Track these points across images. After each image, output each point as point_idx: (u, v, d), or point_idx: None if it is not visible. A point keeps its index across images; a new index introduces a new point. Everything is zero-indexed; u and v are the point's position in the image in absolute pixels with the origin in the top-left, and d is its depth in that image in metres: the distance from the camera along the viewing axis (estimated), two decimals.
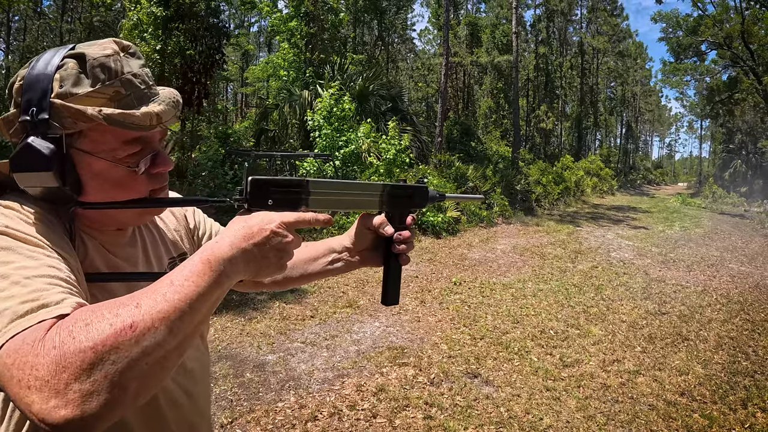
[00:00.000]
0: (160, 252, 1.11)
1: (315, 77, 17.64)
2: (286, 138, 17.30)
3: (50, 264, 0.75)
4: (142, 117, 0.83)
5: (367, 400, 3.91)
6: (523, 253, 10.10)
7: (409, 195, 1.06)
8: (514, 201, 16.59)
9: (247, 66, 35.23)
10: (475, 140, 22.47)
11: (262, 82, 26.97)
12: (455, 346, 5.04)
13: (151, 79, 0.92)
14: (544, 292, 7.28)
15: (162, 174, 0.94)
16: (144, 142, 0.89)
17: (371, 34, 33.20)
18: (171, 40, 14.35)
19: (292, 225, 0.82)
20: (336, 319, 5.83)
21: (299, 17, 19.01)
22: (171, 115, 0.88)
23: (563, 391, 4.10)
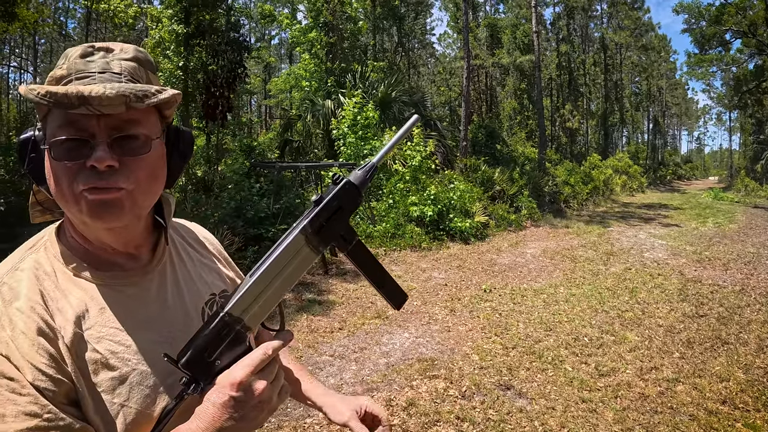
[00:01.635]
0: (197, 288, 1.03)
1: (337, 86, 17.72)
2: (311, 148, 17.41)
3: (29, 410, 0.74)
4: (61, 94, 0.75)
5: (397, 415, 3.84)
6: (553, 256, 9.93)
7: (338, 208, 0.90)
8: (543, 203, 16.38)
9: (269, 78, 35.58)
10: (500, 143, 22.28)
11: (284, 93, 27.19)
12: (487, 357, 4.95)
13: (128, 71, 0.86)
14: (577, 297, 7.12)
15: (99, 170, 0.80)
16: (77, 128, 0.80)
17: (391, 40, 33.26)
18: (193, 57, 14.58)
19: (248, 379, 0.79)
20: (365, 330, 5.78)
21: (318, 28, 19.15)
22: (110, 101, 0.76)
23: (600, 402, 3.98)
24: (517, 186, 15.48)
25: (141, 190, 0.85)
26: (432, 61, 41.34)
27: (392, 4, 28.44)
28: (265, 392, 0.80)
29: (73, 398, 0.80)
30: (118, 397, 0.83)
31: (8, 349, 0.76)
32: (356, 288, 7.53)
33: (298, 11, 25.09)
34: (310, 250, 0.88)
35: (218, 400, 0.77)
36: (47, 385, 0.76)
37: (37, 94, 0.76)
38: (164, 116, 0.92)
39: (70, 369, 0.80)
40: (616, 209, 19.07)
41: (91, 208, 0.81)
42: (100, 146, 0.79)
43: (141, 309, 0.91)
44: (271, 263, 0.85)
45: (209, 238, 1.19)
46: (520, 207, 14.74)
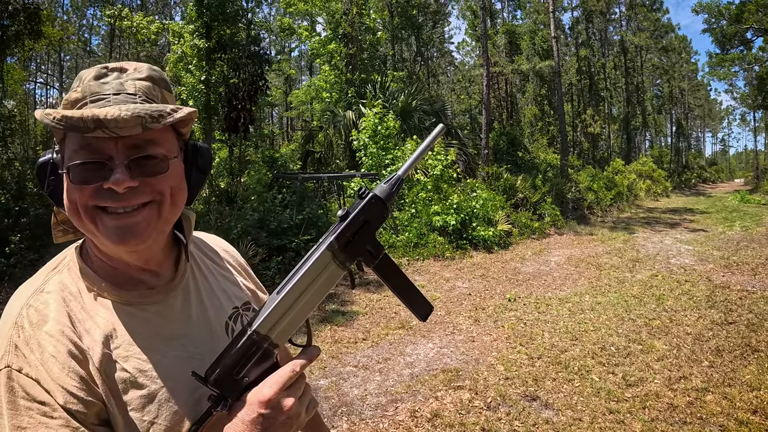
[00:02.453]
0: (220, 303, 1.04)
1: (357, 97, 17.83)
2: (332, 159, 17.52)
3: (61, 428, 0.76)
4: (76, 118, 0.76)
5: (422, 427, 3.85)
6: (578, 264, 9.84)
7: (364, 223, 0.90)
8: (566, 210, 16.25)
9: (290, 90, 35.90)
10: (522, 150, 22.19)
11: (305, 105, 27.45)
12: (512, 367, 4.93)
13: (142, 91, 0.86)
14: (603, 305, 7.05)
15: (117, 192, 0.80)
16: (93, 150, 0.80)
17: (410, 50, 33.37)
18: (215, 70, 14.81)
19: (277, 396, 0.82)
20: (389, 341, 5.79)
21: (337, 39, 19.33)
22: (125, 123, 0.76)
23: (627, 413, 3.94)
24: (540, 193, 15.38)
25: (167, 200, 0.86)
26: (451, 69, 41.37)
27: (410, 14, 28.58)
28: (293, 408, 0.82)
29: (104, 418, 0.82)
30: (148, 414, 0.84)
31: (38, 373, 0.78)
32: (380, 298, 7.55)
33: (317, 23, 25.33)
34: (337, 266, 0.88)
35: (247, 418, 0.80)
36: (79, 407, 0.78)
37: (53, 118, 0.76)
38: (181, 134, 0.92)
39: (100, 390, 0.81)
40: (641, 215, 18.83)
41: (111, 233, 0.82)
42: (117, 168, 0.79)
43: (166, 326, 0.92)
44: (297, 280, 0.86)
45: (228, 250, 1.19)
46: (543, 214, 14.64)
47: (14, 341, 0.80)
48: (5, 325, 0.82)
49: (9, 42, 10.94)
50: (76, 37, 38.22)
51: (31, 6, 11.24)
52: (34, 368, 0.78)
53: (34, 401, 0.76)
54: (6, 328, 0.82)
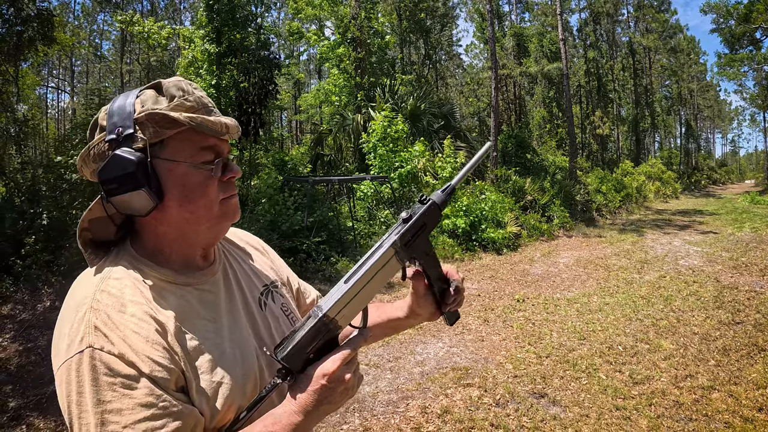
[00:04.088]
0: (252, 282, 1.19)
1: (366, 100, 17.94)
2: (342, 162, 17.63)
3: (146, 402, 0.85)
4: (215, 123, 0.97)
5: (432, 422, 3.96)
6: (586, 265, 9.90)
7: (422, 225, 1.03)
8: (575, 212, 16.28)
9: (299, 94, 36.10)
10: (530, 152, 22.18)
11: (314, 108, 27.61)
12: (520, 366, 5.02)
13: (211, 104, 1.04)
14: (611, 305, 7.12)
15: (231, 182, 1.05)
16: (216, 151, 1.01)
17: (418, 53, 33.48)
18: (225, 75, 14.97)
19: (339, 371, 0.94)
20: (399, 340, 5.90)
21: (346, 43, 19.43)
22: (235, 130, 1.01)
23: (634, 410, 4.02)
24: (549, 195, 15.42)
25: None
26: (459, 72, 41.46)
27: (418, 17, 28.69)
28: (350, 381, 0.95)
29: (181, 385, 0.92)
30: (216, 376, 0.96)
31: (121, 348, 0.86)
32: (390, 299, 7.66)
33: (325, 27, 25.45)
34: (397, 262, 1.02)
35: (312, 388, 0.92)
36: (163, 374, 0.88)
37: (198, 121, 0.95)
38: None
39: (179, 358, 0.92)
40: (650, 216, 18.82)
41: (234, 210, 1.05)
42: (230, 163, 1.04)
43: (217, 302, 1.06)
44: (364, 273, 0.98)
45: (243, 237, 1.33)
46: (552, 216, 14.69)
47: (93, 323, 0.87)
48: (79, 311, 0.90)
49: (23, 47, 11.12)
50: (87, 42, 38.65)
51: (45, 12, 11.41)
52: (116, 345, 0.86)
53: (117, 376, 0.84)
54: (81, 313, 0.89)
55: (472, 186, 13.84)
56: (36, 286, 7.47)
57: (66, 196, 8.79)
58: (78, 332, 0.87)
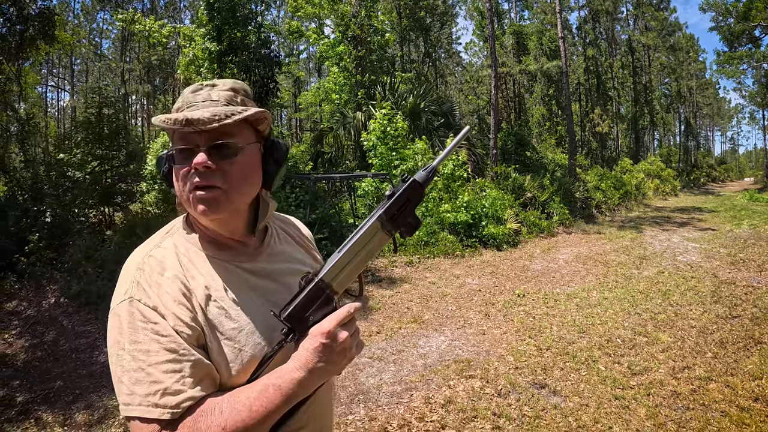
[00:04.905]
0: (295, 267, 1.31)
1: (367, 98, 18.00)
2: (342, 159, 17.69)
3: (169, 347, 1.00)
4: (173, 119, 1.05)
5: (436, 412, 4.06)
6: (586, 261, 10.00)
7: (406, 201, 1.12)
8: (574, 209, 16.37)
9: (299, 92, 36.16)
10: (530, 149, 22.27)
11: (315, 106, 27.65)
12: (521, 358, 5.11)
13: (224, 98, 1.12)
14: (610, 300, 7.22)
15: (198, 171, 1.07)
16: (186, 142, 1.09)
17: (418, 51, 33.54)
18: (226, 73, 15.02)
19: (335, 329, 1.04)
20: (402, 334, 6.00)
21: (346, 41, 19.49)
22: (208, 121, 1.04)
23: (632, 399, 4.12)
24: (548, 192, 15.51)
25: (234, 189, 1.10)
26: (459, 70, 41.52)
27: (418, 15, 28.74)
28: (347, 341, 1.05)
29: (202, 343, 1.06)
30: (237, 343, 1.08)
31: (155, 302, 1.03)
32: (392, 294, 7.76)
33: (325, 26, 25.52)
34: (384, 233, 1.12)
35: (311, 346, 1.03)
36: (184, 329, 1.02)
37: (162, 121, 1.05)
38: (259, 131, 1.18)
39: (200, 320, 1.06)
40: (649, 214, 18.92)
41: (196, 204, 1.08)
42: (200, 152, 1.07)
43: (252, 280, 1.18)
44: (354, 242, 1.10)
45: (300, 227, 1.49)
46: (551, 213, 14.78)
47: (137, 279, 1.06)
48: (130, 270, 1.09)
49: (25, 46, 11.19)
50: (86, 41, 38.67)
51: (46, 11, 11.47)
52: (152, 299, 1.03)
53: (149, 322, 1.01)
54: (131, 271, 1.08)
55: (473, 183, 13.92)
56: (40, 283, 7.57)
57: (68, 194, 8.86)
58: (126, 285, 1.06)
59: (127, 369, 0.98)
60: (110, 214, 10.40)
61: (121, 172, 10.52)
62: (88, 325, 6.54)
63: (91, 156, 10.23)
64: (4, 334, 6.27)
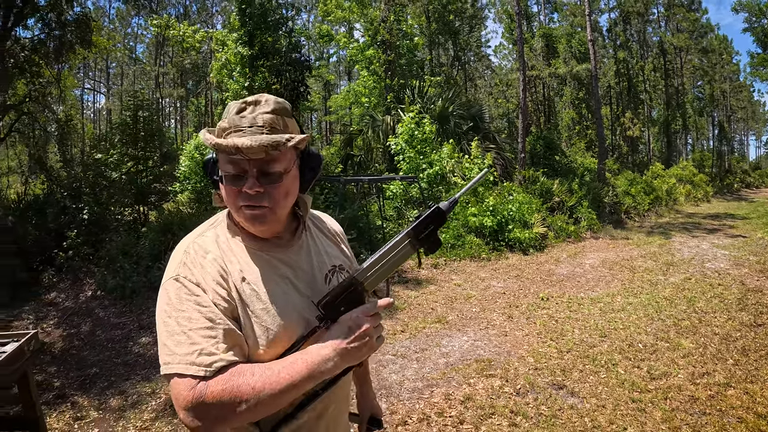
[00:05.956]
0: (323, 260, 1.46)
1: (396, 102, 18.16)
2: (372, 162, 17.86)
3: (208, 316, 1.18)
4: (224, 145, 1.18)
5: (455, 408, 4.21)
6: (612, 267, 9.98)
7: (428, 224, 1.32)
8: (603, 214, 16.24)
9: (329, 95, 36.50)
10: (559, 153, 22.14)
11: (344, 109, 27.93)
12: (541, 359, 5.22)
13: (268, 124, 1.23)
14: (634, 305, 7.24)
15: (251, 193, 1.22)
16: (239, 166, 1.21)
17: (447, 54, 33.56)
18: (257, 77, 15.36)
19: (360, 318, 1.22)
20: (425, 333, 6.15)
21: (375, 46, 19.69)
22: (254, 150, 1.16)
23: (649, 402, 4.20)
24: (577, 197, 15.43)
25: (279, 206, 1.27)
26: (488, 73, 41.39)
27: (447, 19, 28.81)
28: (370, 330, 1.22)
29: (235, 316, 1.23)
30: (264, 321, 1.25)
31: (199, 279, 1.21)
32: (417, 295, 7.91)
33: (355, 30, 25.81)
34: (411, 248, 1.31)
35: (339, 330, 1.21)
36: (221, 302, 1.20)
37: (211, 143, 1.20)
38: (298, 148, 1.30)
39: (235, 297, 1.23)
40: (680, 220, 18.65)
41: (247, 218, 1.26)
42: (250, 179, 1.21)
43: (283, 269, 1.35)
44: (385, 250, 1.29)
45: (331, 224, 1.65)
46: (579, 218, 14.70)
47: (184, 261, 1.25)
48: (178, 253, 1.29)
49: (63, 50, 11.62)
50: (121, 45, 39.71)
51: (83, 17, 11.89)
52: (196, 276, 1.22)
53: (193, 295, 1.19)
54: (179, 254, 1.28)
55: (500, 187, 13.95)
56: (78, 277, 7.95)
57: (105, 193, 9.18)
58: (174, 265, 1.26)
59: (171, 333, 1.16)
60: (145, 212, 10.73)
61: (155, 172, 10.85)
62: (123, 317, 6.86)
63: (127, 157, 10.58)
64: (42, 324, 6.64)
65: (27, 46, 11.08)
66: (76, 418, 4.36)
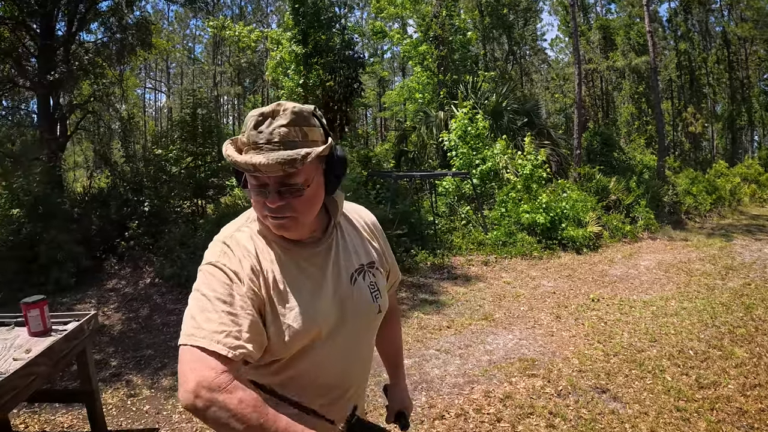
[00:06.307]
0: (351, 260, 1.48)
1: (449, 98, 18.12)
2: (425, 158, 17.90)
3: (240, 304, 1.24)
4: (242, 164, 1.22)
5: (493, 406, 4.27)
6: (668, 269, 9.69)
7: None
8: (661, 214, 15.71)
9: (383, 91, 36.67)
10: (617, 150, 21.54)
11: (398, 105, 28.04)
12: (586, 362, 5.19)
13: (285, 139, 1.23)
14: (688, 310, 7.04)
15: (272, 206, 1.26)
16: (259, 180, 1.26)
17: (501, 49, 33.12)
18: (312, 74, 15.64)
19: None
20: (471, 330, 6.22)
21: (428, 41, 19.67)
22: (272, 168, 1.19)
23: (694, 412, 4.10)
24: (634, 195, 14.97)
25: (303, 215, 1.30)
26: (545, 67, 40.59)
27: (501, 12, 28.44)
28: None
29: (260, 311, 1.28)
30: (287, 319, 1.30)
31: (237, 269, 1.28)
32: (466, 291, 7.97)
33: (408, 26, 25.85)
34: None
35: None
36: (251, 295, 1.26)
37: (231, 161, 1.24)
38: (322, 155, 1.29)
39: (263, 294, 1.29)
40: (743, 221, 17.83)
41: (273, 227, 1.32)
42: (271, 194, 1.25)
43: (308, 268, 1.39)
44: None
45: (365, 218, 1.65)
46: (636, 218, 14.28)
47: (224, 250, 1.32)
48: (217, 243, 1.35)
49: (125, 52, 12.16)
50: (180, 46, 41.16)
51: (143, 20, 12.43)
52: (234, 266, 1.28)
53: (229, 281, 1.26)
54: (218, 244, 1.35)
55: (554, 184, 13.73)
56: (138, 265, 8.44)
57: (165, 186, 9.59)
58: (214, 253, 1.33)
59: (203, 309, 1.21)
60: (203, 205, 11.13)
61: (213, 167, 11.21)
62: (179, 304, 7.24)
63: (186, 152, 10.99)
64: (103, 308, 7.14)
65: (91, 50, 11.69)
66: (130, 395, 4.71)
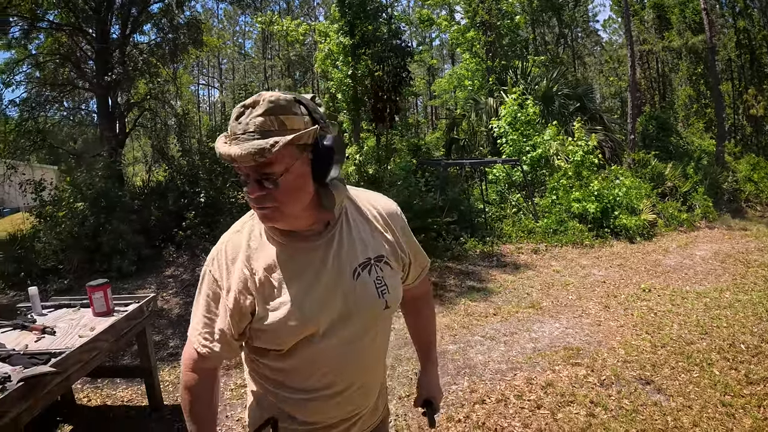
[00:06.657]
0: (356, 254, 1.43)
1: (498, 84, 17.94)
2: (476, 146, 17.82)
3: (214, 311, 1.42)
4: (221, 154, 1.23)
5: (535, 393, 4.34)
6: (725, 260, 9.35)
7: None
8: (720, 201, 15.11)
9: (433, 79, 36.47)
10: (674, 135, 20.78)
11: (448, 93, 27.87)
12: (633, 352, 5.16)
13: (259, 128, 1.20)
14: (743, 303, 6.81)
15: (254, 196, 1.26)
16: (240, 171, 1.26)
17: (552, 32, 32.35)
18: (360, 65, 15.79)
19: None
20: (517, 318, 6.27)
21: (476, 27, 19.47)
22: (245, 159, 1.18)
23: (740, 408, 4.01)
24: (691, 182, 14.45)
25: (284, 204, 1.27)
26: (598, 50, 39.41)
27: None
28: None
29: (252, 310, 1.36)
30: (280, 314, 1.33)
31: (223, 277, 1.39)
32: (514, 279, 8.01)
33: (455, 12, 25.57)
34: None
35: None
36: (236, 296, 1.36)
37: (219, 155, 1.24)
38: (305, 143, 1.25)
39: (255, 293, 1.35)
40: None
41: (259, 218, 1.33)
42: (250, 184, 1.26)
43: (306, 262, 1.38)
44: None
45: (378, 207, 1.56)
46: (693, 205, 13.80)
47: (213, 257, 1.44)
48: (216, 248, 1.45)
49: (177, 51, 12.61)
50: (231, 42, 42.19)
51: (193, 20, 12.85)
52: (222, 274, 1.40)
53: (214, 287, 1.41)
54: (213, 251, 1.45)
55: (607, 170, 13.45)
56: (194, 253, 8.90)
57: (219, 178, 9.96)
58: (210, 258, 1.45)
59: (195, 308, 1.46)
60: None
61: None
62: None
63: None
64: (163, 293, 7.63)
65: (145, 50, 12.23)
66: None
